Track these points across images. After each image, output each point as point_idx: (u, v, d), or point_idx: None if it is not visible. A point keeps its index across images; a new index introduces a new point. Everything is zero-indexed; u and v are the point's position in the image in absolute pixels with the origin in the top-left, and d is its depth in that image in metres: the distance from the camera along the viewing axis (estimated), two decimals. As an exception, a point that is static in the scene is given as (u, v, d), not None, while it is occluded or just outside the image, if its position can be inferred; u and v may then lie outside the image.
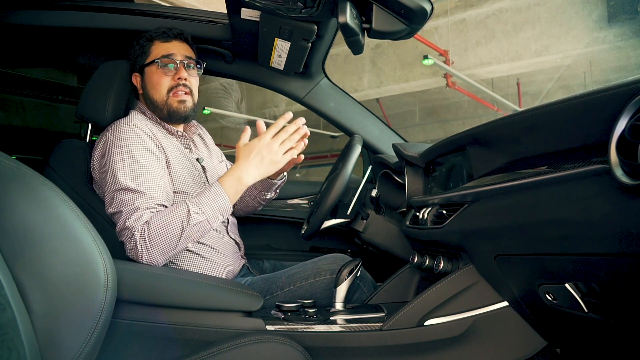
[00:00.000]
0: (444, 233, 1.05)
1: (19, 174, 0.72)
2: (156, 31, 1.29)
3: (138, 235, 1.03)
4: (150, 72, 1.27)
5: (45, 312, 0.69)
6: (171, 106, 1.26)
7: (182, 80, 1.25)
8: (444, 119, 8.85)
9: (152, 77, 1.26)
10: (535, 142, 0.88)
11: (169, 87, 1.25)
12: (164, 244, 1.03)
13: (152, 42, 1.28)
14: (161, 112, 1.27)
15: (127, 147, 1.13)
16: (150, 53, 1.27)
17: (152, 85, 1.26)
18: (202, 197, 1.08)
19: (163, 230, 1.03)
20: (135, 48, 1.30)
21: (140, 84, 1.30)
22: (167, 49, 1.26)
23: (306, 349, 0.95)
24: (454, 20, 6.04)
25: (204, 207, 1.07)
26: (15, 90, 5.96)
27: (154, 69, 1.26)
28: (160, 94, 1.25)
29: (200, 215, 1.06)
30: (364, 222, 1.45)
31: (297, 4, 1.10)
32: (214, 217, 1.09)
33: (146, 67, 1.27)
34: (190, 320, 0.95)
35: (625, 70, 5.54)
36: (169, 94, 1.25)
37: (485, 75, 6.42)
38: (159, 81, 1.25)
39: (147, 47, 1.28)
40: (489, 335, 1.02)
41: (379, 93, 7.12)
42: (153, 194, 1.09)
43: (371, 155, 1.83)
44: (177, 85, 1.25)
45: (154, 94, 1.26)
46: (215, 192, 1.09)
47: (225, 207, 1.10)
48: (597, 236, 0.66)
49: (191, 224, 1.05)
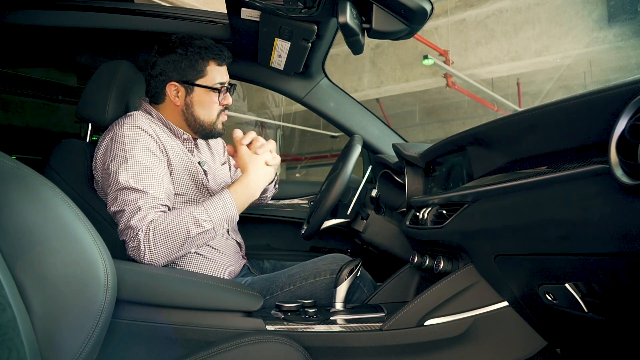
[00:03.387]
0: (444, 233, 1.05)
1: (19, 174, 0.72)
2: (212, 50, 1.25)
3: (142, 235, 1.02)
4: (203, 92, 1.26)
5: (45, 312, 0.69)
6: (216, 127, 1.31)
7: (228, 105, 1.32)
8: (444, 119, 8.84)
9: (204, 98, 1.26)
10: (535, 142, 0.88)
11: (218, 111, 1.30)
12: (167, 247, 1.03)
13: (208, 63, 1.25)
14: (204, 130, 1.30)
15: (130, 147, 1.13)
16: (206, 74, 1.25)
17: (203, 106, 1.27)
18: (211, 204, 1.09)
19: (168, 234, 1.03)
20: (183, 58, 1.23)
21: (182, 97, 1.26)
22: (222, 75, 1.28)
23: (306, 349, 0.95)
24: (454, 20, 6.04)
25: (213, 214, 1.08)
26: (15, 90, 5.96)
27: (207, 91, 1.26)
28: (211, 117, 1.29)
29: (208, 223, 1.07)
30: (364, 222, 1.45)
31: (297, 4, 1.10)
32: (220, 226, 1.09)
33: (197, 86, 1.25)
34: (190, 320, 0.95)
35: (625, 70, 5.54)
36: (218, 117, 1.30)
37: (485, 75, 6.42)
38: (211, 105, 1.27)
39: (201, 66, 1.24)
40: (489, 335, 1.02)
41: (379, 93, 7.11)
42: (155, 194, 1.09)
43: (371, 155, 1.83)
44: (224, 109, 1.32)
45: (202, 114, 1.27)
46: (225, 201, 1.10)
47: (232, 216, 1.12)
48: (597, 236, 0.66)
49: (198, 231, 1.06)
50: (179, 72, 1.24)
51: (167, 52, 1.24)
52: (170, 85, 1.24)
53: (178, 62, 1.23)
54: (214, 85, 1.25)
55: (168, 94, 1.25)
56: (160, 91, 1.26)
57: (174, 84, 1.24)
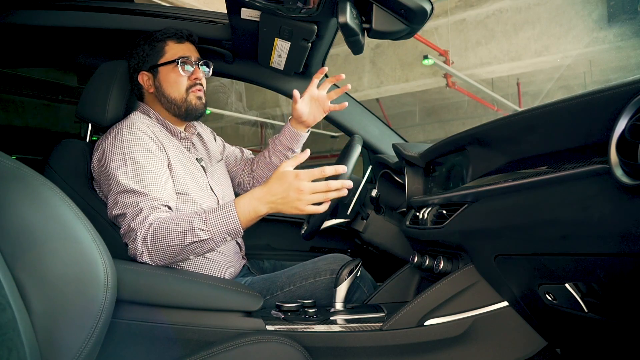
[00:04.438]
0: (444, 233, 1.05)
1: (19, 174, 0.72)
2: (167, 31, 1.30)
3: (141, 237, 1.02)
4: (167, 71, 1.28)
5: (45, 312, 0.69)
6: (190, 102, 1.29)
7: (199, 80, 1.30)
8: (444, 119, 8.84)
9: (168, 76, 1.28)
10: (535, 142, 0.88)
11: (187, 86, 1.29)
12: (164, 251, 1.01)
13: (165, 43, 1.29)
14: (179, 110, 1.29)
15: (129, 150, 1.13)
16: (165, 53, 1.28)
17: (170, 84, 1.28)
18: (212, 214, 1.01)
19: (164, 238, 1.00)
20: (144, 47, 1.30)
21: (152, 83, 1.30)
22: (183, 50, 1.29)
23: (306, 349, 0.95)
24: (454, 20, 6.04)
25: (212, 225, 0.99)
26: (15, 90, 5.97)
27: (171, 68, 1.27)
28: (180, 92, 1.28)
29: (205, 233, 0.99)
30: (364, 222, 1.45)
31: (297, 4, 1.10)
32: (219, 237, 1.00)
33: (160, 66, 1.28)
34: (190, 320, 0.95)
35: (625, 70, 5.54)
36: (187, 92, 1.29)
37: (485, 75, 6.42)
38: (177, 80, 1.27)
39: (159, 47, 1.29)
40: (489, 335, 1.02)
41: (379, 93, 7.12)
42: (156, 194, 1.08)
43: (371, 155, 1.83)
44: (195, 84, 1.30)
45: (171, 92, 1.28)
46: (227, 212, 1.00)
47: (235, 230, 1.00)
48: (597, 236, 0.66)
49: (193, 240, 0.99)
50: (143, 60, 1.30)
51: (132, 49, 1.32)
52: (141, 76, 1.30)
53: (141, 53, 1.30)
54: (175, 59, 1.27)
55: (142, 84, 1.30)
56: (138, 86, 1.32)
57: (143, 73, 1.30)
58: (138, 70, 1.31)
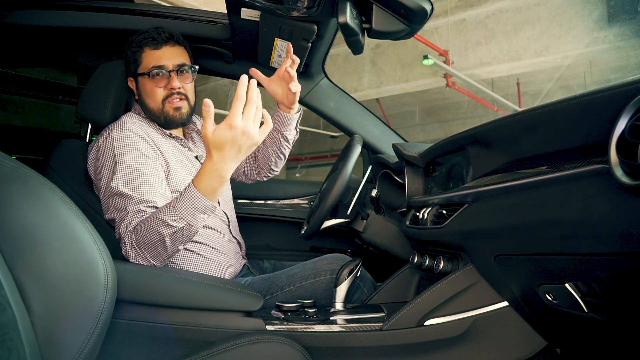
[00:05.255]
0: (444, 233, 1.05)
1: (19, 174, 0.72)
2: (145, 36, 1.24)
3: (128, 243, 1.02)
4: (144, 81, 1.25)
5: (45, 312, 0.69)
6: (167, 114, 1.25)
7: (176, 89, 1.24)
8: (444, 119, 8.85)
9: (145, 86, 1.25)
10: (535, 142, 0.88)
11: (163, 97, 1.24)
12: (150, 252, 1.01)
13: (142, 50, 1.24)
14: (158, 119, 1.27)
15: (120, 152, 1.13)
16: (142, 62, 1.25)
17: (147, 94, 1.26)
18: (178, 201, 0.99)
19: (146, 239, 1.00)
20: (127, 53, 1.27)
21: (135, 90, 1.30)
22: (157, 58, 1.23)
23: (306, 349, 0.95)
24: (454, 20, 6.04)
25: (181, 211, 0.98)
26: (15, 90, 5.96)
27: (147, 79, 1.24)
28: (156, 103, 1.25)
29: (179, 222, 0.98)
30: (364, 222, 1.46)
31: (297, 4, 1.10)
32: (194, 220, 0.99)
33: (139, 76, 1.26)
34: (190, 320, 0.95)
35: (625, 70, 5.54)
36: (164, 102, 1.25)
37: (485, 75, 6.42)
38: (152, 91, 1.24)
39: (137, 55, 1.25)
40: (489, 335, 1.02)
41: (379, 93, 7.12)
42: (144, 196, 1.07)
43: (371, 155, 1.83)
44: (172, 94, 1.24)
45: (149, 102, 1.26)
46: (190, 194, 0.98)
47: (206, 206, 0.99)
48: (597, 236, 0.66)
49: (171, 231, 0.98)
50: (127, 67, 1.29)
51: (123, 52, 1.30)
52: (129, 81, 1.31)
53: (125, 59, 1.29)
54: (148, 71, 1.23)
55: (132, 89, 1.31)
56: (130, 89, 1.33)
57: (129, 79, 1.31)
58: (126, 75, 1.31)
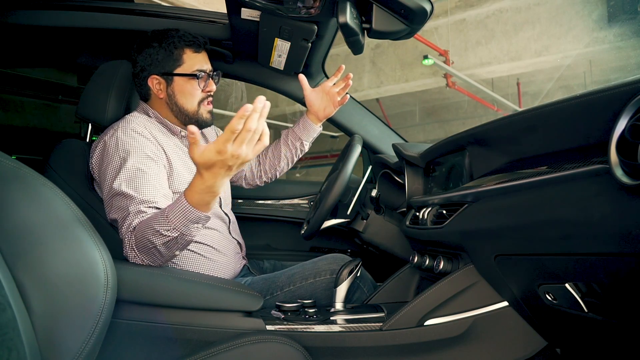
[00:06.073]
0: (444, 233, 1.05)
1: (19, 174, 0.72)
2: (185, 38, 1.26)
3: (129, 244, 1.01)
4: (182, 82, 1.26)
5: (45, 312, 0.69)
6: (202, 116, 1.29)
7: (212, 93, 1.30)
8: (444, 119, 8.84)
9: (184, 86, 1.26)
10: (535, 142, 0.88)
11: (200, 99, 1.28)
12: (148, 255, 1.00)
13: (183, 50, 1.26)
14: (189, 120, 1.28)
15: (123, 152, 1.12)
16: (183, 62, 1.25)
17: (184, 95, 1.26)
18: (171, 211, 0.96)
19: (145, 244, 0.98)
20: (158, 50, 1.24)
21: (163, 89, 1.26)
22: (200, 62, 1.27)
23: (306, 349, 0.95)
24: (454, 20, 6.04)
25: (174, 222, 0.95)
26: (15, 90, 5.96)
27: (187, 79, 1.25)
28: (193, 105, 1.27)
29: (172, 232, 0.96)
30: (364, 222, 1.45)
31: (297, 4, 1.10)
32: (188, 230, 0.97)
33: (176, 76, 1.25)
34: (190, 320, 0.95)
35: (625, 70, 5.54)
36: (200, 105, 1.29)
37: (485, 75, 6.42)
38: (192, 92, 1.26)
39: (177, 55, 1.25)
40: (489, 335, 1.02)
41: (379, 93, 7.11)
42: (145, 197, 1.07)
43: (371, 155, 1.83)
44: (207, 97, 1.30)
45: (184, 103, 1.27)
46: (182, 207, 0.95)
47: (198, 217, 0.96)
48: (597, 236, 0.66)
49: (163, 241, 0.96)
50: (157, 64, 1.25)
51: (143, 48, 1.26)
52: (152, 79, 1.26)
53: (154, 55, 1.25)
54: (193, 72, 1.26)
55: (151, 87, 1.27)
56: (145, 87, 1.28)
57: (154, 77, 1.26)
58: (148, 72, 1.26)
